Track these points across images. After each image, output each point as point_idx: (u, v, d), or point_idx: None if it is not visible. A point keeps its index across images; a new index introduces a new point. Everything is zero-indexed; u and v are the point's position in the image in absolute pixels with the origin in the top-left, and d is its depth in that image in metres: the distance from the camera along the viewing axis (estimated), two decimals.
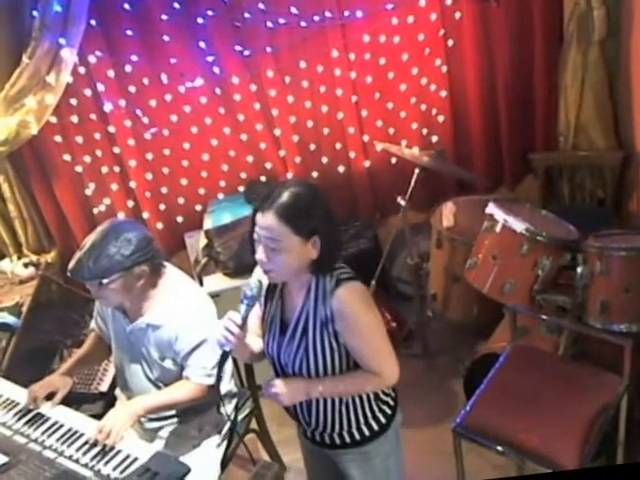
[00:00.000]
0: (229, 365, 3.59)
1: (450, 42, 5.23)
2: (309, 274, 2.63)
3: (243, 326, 2.60)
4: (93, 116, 5.09)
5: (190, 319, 3.24)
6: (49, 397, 3.42)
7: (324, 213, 2.54)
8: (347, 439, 2.84)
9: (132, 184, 5.31)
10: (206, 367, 3.22)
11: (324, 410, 2.78)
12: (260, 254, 2.55)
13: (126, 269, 3.09)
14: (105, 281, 3.08)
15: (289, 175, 5.39)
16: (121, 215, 5.32)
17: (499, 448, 3.37)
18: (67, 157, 5.19)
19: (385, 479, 2.97)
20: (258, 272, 2.69)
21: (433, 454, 4.03)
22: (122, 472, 2.87)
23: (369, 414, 2.82)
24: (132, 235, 3.11)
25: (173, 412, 3.47)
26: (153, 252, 3.20)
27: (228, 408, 3.56)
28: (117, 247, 3.05)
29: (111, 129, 5.14)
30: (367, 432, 2.83)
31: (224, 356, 2.63)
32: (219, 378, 2.70)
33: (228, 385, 3.60)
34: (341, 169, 5.50)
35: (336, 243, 2.64)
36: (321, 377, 2.68)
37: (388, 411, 2.87)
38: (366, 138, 5.41)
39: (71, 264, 3.11)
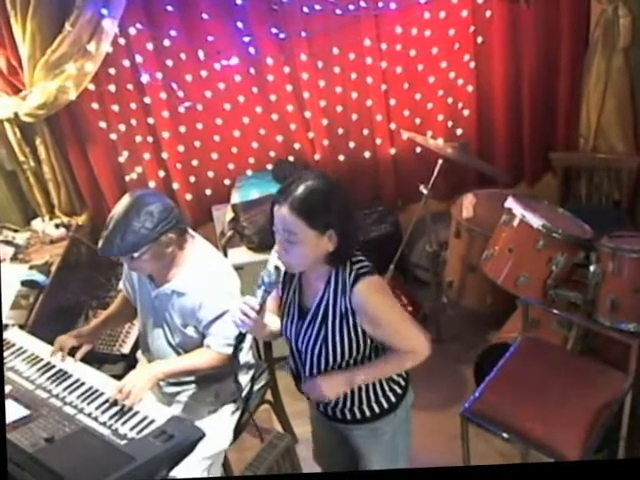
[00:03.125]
0: (248, 337, 3.55)
1: (479, 39, 5.17)
2: (327, 265, 2.63)
3: (260, 311, 2.61)
4: (130, 86, 5.05)
5: (215, 289, 3.22)
6: (72, 353, 3.42)
7: (340, 208, 2.53)
8: (358, 415, 2.87)
9: (164, 155, 5.29)
10: (227, 337, 3.17)
11: None
12: (278, 246, 2.57)
13: (153, 240, 3.09)
14: (136, 255, 3.09)
15: (317, 157, 5.38)
16: (152, 184, 5.32)
17: (505, 435, 3.40)
18: (103, 124, 5.15)
19: (392, 455, 3.00)
20: (272, 258, 2.69)
21: (440, 436, 4.03)
22: (139, 433, 2.86)
23: (380, 392, 2.84)
24: (153, 207, 3.09)
25: (192, 378, 3.47)
26: (176, 219, 3.18)
27: (245, 379, 3.57)
28: (141, 222, 3.05)
29: (147, 100, 5.10)
30: (377, 409, 2.86)
31: (240, 337, 2.67)
32: (235, 355, 2.77)
33: (246, 357, 3.60)
34: (367, 154, 5.45)
35: (353, 237, 2.63)
36: (340, 364, 2.72)
37: (399, 391, 2.89)
38: (393, 126, 5.36)
39: (100, 243, 3.13)
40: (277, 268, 2.64)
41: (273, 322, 2.87)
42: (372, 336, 2.67)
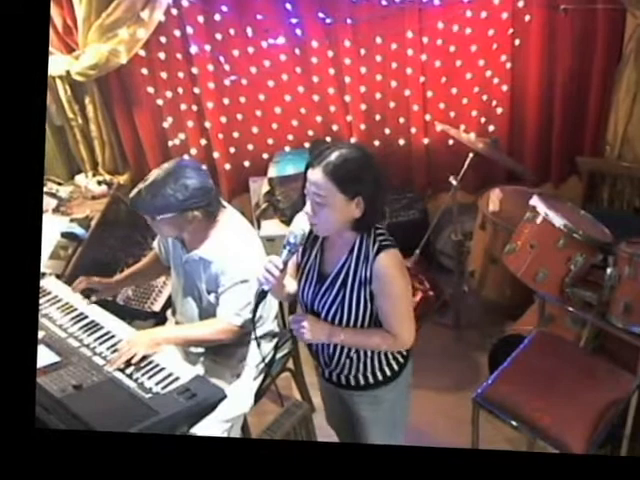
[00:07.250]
0: (274, 306, 3.56)
1: (517, 41, 5.09)
2: (352, 232, 2.64)
3: (283, 269, 2.62)
4: (179, 56, 5.03)
5: (238, 258, 3.17)
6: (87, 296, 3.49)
7: (372, 178, 2.54)
8: (361, 381, 2.90)
9: (207, 124, 5.26)
10: (237, 306, 3.16)
11: (340, 353, 2.83)
12: (307, 207, 2.57)
13: (178, 211, 3.07)
14: (158, 217, 3.07)
15: (353, 140, 5.32)
16: (193, 151, 5.32)
17: (513, 423, 3.39)
18: (150, 90, 5.14)
19: (391, 424, 3.05)
20: (299, 221, 2.70)
21: (452, 419, 4.04)
22: (163, 388, 2.86)
23: (384, 361, 2.86)
24: (190, 182, 3.06)
25: None
26: (208, 200, 3.14)
27: (268, 346, 3.55)
28: (173, 190, 3.03)
29: (194, 70, 5.08)
30: (380, 377, 2.89)
31: (262, 294, 2.65)
32: (255, 314, 2.74)
33: (271, 325, 3.57)
34: (401, 142, 5.41)
35: (380, 206, 2.65)
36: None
37: (401, 359, 2.92)
38: (428, 117, 5.31)
39: (132, 193, 3.13)
40: (303, 230, 2.66)
41: (290, 284, 2.88)
42: (377, 305, 2.68)
